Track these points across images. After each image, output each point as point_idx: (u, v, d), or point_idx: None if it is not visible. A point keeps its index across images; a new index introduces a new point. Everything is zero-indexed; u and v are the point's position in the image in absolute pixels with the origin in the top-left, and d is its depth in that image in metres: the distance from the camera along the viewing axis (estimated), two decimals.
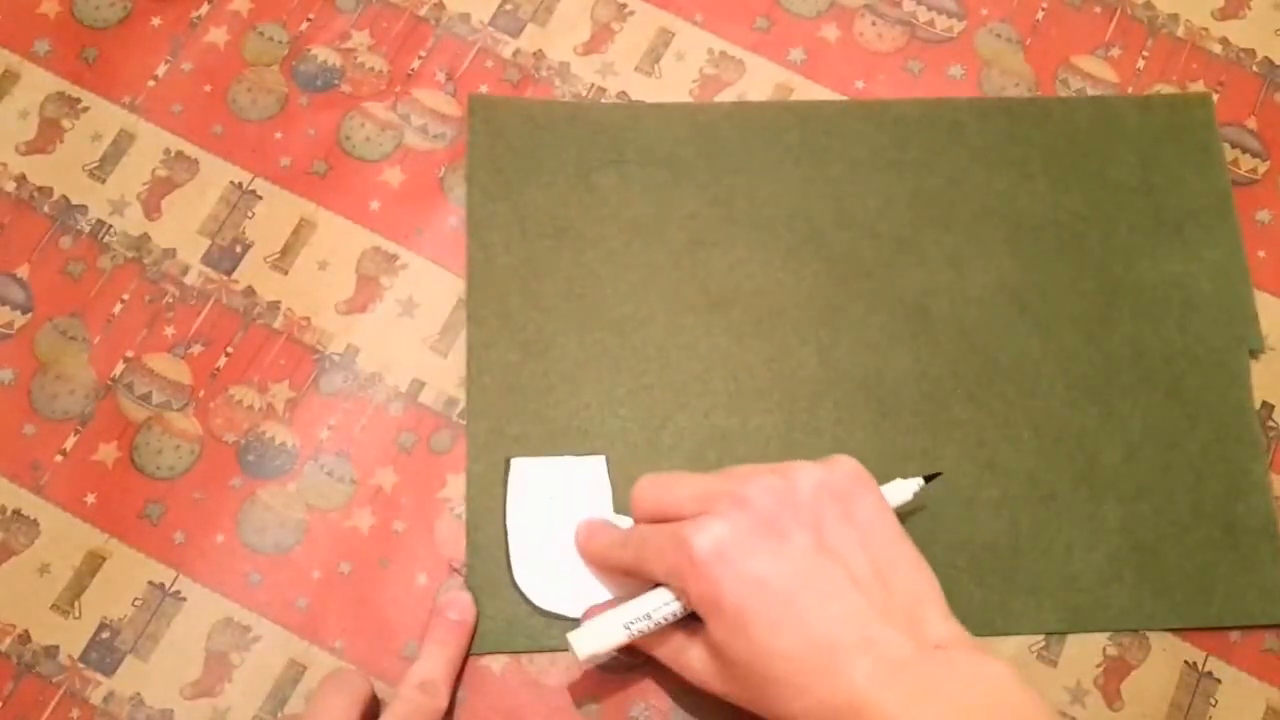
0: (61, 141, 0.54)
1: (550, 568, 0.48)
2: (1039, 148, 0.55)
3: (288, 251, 0.53)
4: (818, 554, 0.42)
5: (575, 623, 0.47)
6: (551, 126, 0.55)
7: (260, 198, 0.54)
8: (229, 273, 0.53)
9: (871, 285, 0.53)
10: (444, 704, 0.46)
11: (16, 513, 0.49)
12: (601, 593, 0.48)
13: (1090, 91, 0.57)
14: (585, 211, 0.53)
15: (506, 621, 0.48)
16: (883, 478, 0.47)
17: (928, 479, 0.48)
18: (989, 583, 0.49)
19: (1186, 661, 0.49)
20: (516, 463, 0.50)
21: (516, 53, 0.57)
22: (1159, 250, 0.54)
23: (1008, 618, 0.49)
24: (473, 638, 0.48)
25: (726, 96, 0.56)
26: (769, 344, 0.52)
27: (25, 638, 0.48)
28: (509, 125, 0.55)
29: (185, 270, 0.53)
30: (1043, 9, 0.59)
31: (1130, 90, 0.57)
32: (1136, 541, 0.50)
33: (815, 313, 0.52)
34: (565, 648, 0.46)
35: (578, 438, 0.50)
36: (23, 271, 0.52)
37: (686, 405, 0.51)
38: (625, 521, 0.48)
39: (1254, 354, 0.53)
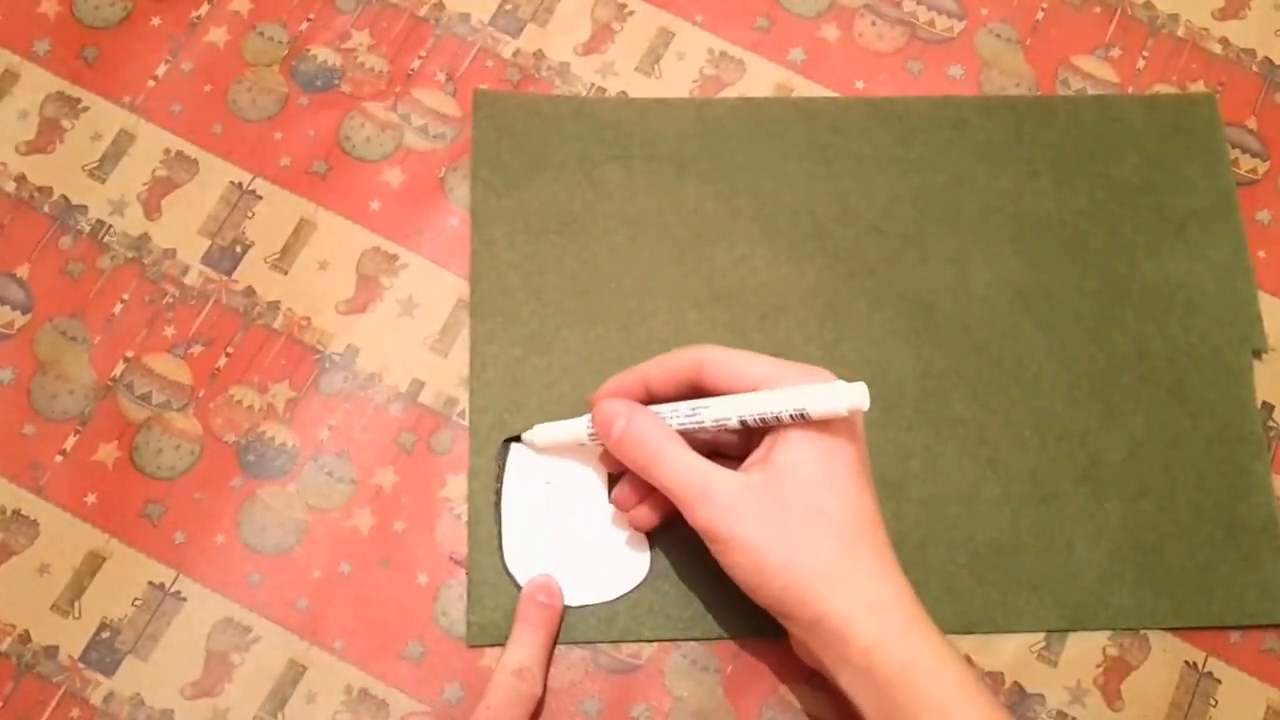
0: (61, 141, 0.54)
1: (541, 553, 0.49)
2: (1043, 146, 0.55)
3: (288, 251, 0.53)
4: None
5: (565, 609, 0.48)
6: (556, 121, 0.55)
7: (260, 198, 0.54)
8: (229, 273, 0.53)
9: (875, 282, 0.53)
10: (539, 691, 0.46)
11: (16, 513, 0.49)
12: (589, 580, 0.48)
13: (1090, 91, 0.57)
14: (589, 206, 0.53)
15: (507, 615, 0.48)
16: (884, 476, 0.46)
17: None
18: (990, 580, 0.49)
19: (1186, 661, 0.49)
20: (516, 446, 0.50)
21: (516, 53, 0.57)
22: (1162, 250, 0.54)
23: (1009, 615, 0.49)
24: (562, 620, 0.48)
25: (727, 96, 0.56)
26: (771, 339, 0.52)
27: (25, 638, 0.47)
28: (513, 120, 0.55)
29: (185, 270, 0.53)
30: (1043, 9, 0.59)
31: (1130, 90, 0.57)
32: (1138, 540, 0.50)
33: (818, 309, 0.52)
34: (564, 641, 0.47)
35: None
36: (23, 271, 0.52)
37: None
38: (622, 517, 0.49)
39: (1257, 354, 0.53)
